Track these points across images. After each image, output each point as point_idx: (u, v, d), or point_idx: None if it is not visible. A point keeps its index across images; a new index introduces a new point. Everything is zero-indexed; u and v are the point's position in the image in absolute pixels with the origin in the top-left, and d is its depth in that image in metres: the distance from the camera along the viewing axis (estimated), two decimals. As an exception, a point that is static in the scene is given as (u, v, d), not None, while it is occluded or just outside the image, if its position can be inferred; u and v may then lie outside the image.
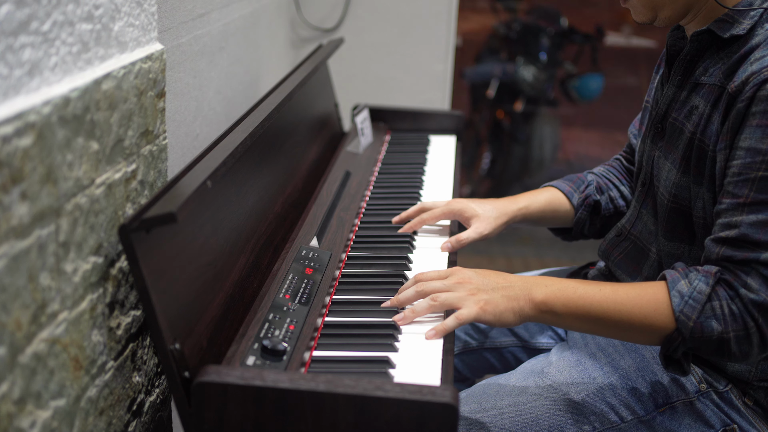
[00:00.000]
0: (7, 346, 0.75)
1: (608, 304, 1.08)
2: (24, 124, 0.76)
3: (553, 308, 1.10)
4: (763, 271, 1.02)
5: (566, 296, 1.10)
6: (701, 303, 1.04)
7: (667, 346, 1.07)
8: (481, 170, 4.03)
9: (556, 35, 3.97)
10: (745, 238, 1.03)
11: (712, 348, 1.05)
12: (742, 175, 1.05)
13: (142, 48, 1.08)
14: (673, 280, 1.07)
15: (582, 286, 1.11)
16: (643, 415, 1.21)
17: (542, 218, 1.47)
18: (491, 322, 1.10)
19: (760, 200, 1.03)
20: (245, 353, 1.02)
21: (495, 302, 1.10)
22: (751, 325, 1.02)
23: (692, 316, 1.04)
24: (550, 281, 1.13)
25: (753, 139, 1.04)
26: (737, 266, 1.04)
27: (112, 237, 0.98)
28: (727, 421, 1.20)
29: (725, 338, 1.03)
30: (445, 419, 0.88)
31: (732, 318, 1.03)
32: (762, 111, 1.03)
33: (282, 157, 1.53)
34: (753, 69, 1.06)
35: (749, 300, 1.02)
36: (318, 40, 2.65)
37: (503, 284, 1.12)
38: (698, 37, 1.18)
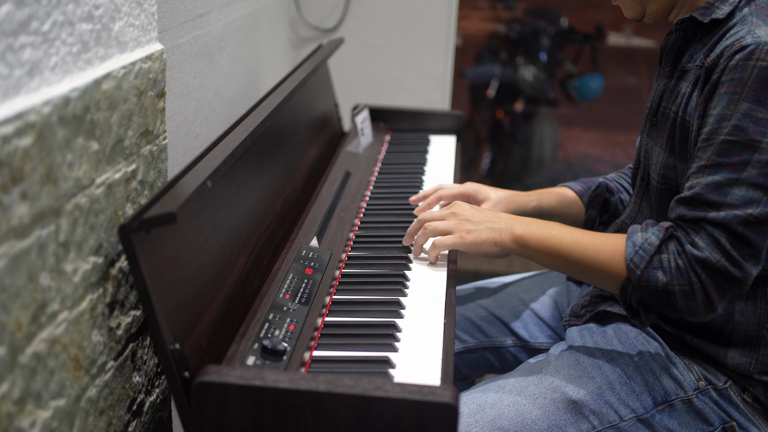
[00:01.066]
0: (7, 346, 0.75)
1: (574, 246, 1.17)
2: (24, 124, 0.76)
3: (528, 243, 1.21)
4: (710, 229, 1.06)
5: (541, 234, 1.20)
6: (650, 254, 1.09)
7: (622, 294, 1.13)
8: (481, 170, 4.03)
9: (556, 35, 3.98)
10: (698, 198, 1.08)
11: (660, 299, 1.10)
12: (708, 141, 1.09)
13: (142, 48, 1.08)
14: (632, 232, 1.13)
15: (558, 228, 1.21)
16: (642, 414, 1.21)
17: (553, 214, 1.49)
18: (470, 250, 1.24)
19: (719, 162, 1.07)
20: (245, 353, 1.02)
21: (477, 232, 1.24)
22: (695, 281, 1.06)
23: (640, 265, 1.09)
24: (531, 220, 1.24)
25: (720, 106, 1.08)
26: (688, 224, 1.09)
27: (112, 237, 0.98)
28: (726, 419, 1.20)
29: (670, 290, 1.08)
30: (446, 419, 0.88)
31: (678, 272, 1.07)
32: (730, 79, 1.08)
33: (282, 157, 1.53)
34: (727, 43, 1.11)
35: (693, 256, 1.06)
36: (318, 40, 2.65)
37: (491, 218, 1.26)
38: (682, 25, 1.23)
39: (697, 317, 1.10)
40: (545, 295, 1.53)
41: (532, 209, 1.47)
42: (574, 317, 1.40)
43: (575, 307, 1.41)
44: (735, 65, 1.07)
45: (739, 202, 1.05)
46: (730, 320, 1.20)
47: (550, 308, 1.51)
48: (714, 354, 1.21)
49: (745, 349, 1.19)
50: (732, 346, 1.20)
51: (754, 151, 1.05)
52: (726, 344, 1.20)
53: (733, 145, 1.06)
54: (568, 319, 1.41)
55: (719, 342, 1.21)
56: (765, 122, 1.05)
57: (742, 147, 1.05)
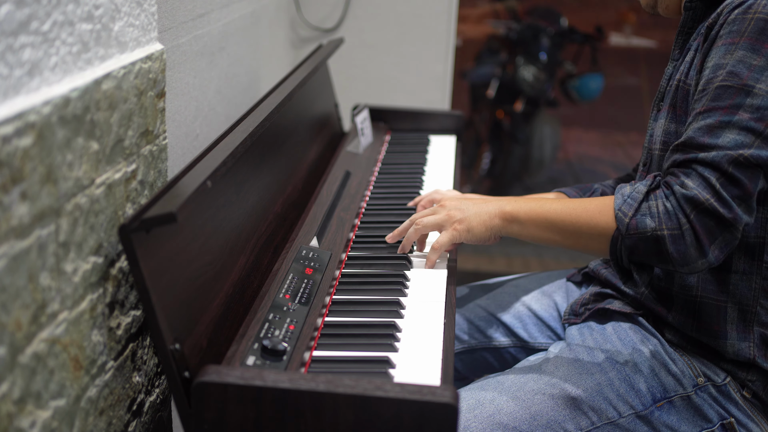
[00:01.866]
0: (7, 346, 0.75)
1: (562, 210, 1.19)
2: (24, 124, 0.76)
3: (518, 217, 1.22)
4: (700, 170, 1.06)
5: (530, 207, 1.22)
6: (638, 201, 1.10)
7: (612, 250, 1.12)
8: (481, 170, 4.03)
9: (556, 35, 3.98)
10: (690, 142, 1.08)
11: (649, 247, 1.09)
12: (704, 91, 1.11)
13: (142, 48, 1.08)
14: (621, 186, 1.15)
15: (546, 201, 1.23)
16: (641, 410, 1.21)
17: None
18: (466, 239, 1.25)
19: (713, 107, 1.08)
20: (245, 353, 1.02)
21: (468, 220, 1.25)
22: (684, 222, 1.06)
23: (629, 213, 1.09)
24: (521, 198, 1.27)
25: (717, 56, 1.10)
26: (679, 168, 1.09)
27: (112, 237, 0.98)
28: (724, 415, 1.20)
29: (659, 236, 1.07)
30: (445, 419, 0.88)
31: (666, 215, 1.07)
32: (727, 32, 1.10)
33: (282, 157, 1.53)
34: (726, 2, 1.13)
35: (681, 195, 1.06)
36: (318, 40, 2.65)
37: (479, 204, 1.26)
38: (691, 4, 1.25)
39: (690, 264, 1.08)
40: (544, 296, 1.53)
41: None
42: (573, 315, 1.40)
43: (574, 306, 1.41)
44: (733, 19, 1.09)
45: (730, 144, 1.05)
46: (725, 291, 1.20)
47: (550, 308, 1.51)
48: (714, 345, 1.21)
49: (741, 331, 1.19)
50: (728, 323, 1.20)
51: (747, 95, 1.06)
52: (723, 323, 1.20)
53: (726, 89, 1.07)
54: (567, 317, 1.41)
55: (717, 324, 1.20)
56: (759, 69, 1.06)
57: (736, 91, 1.07)
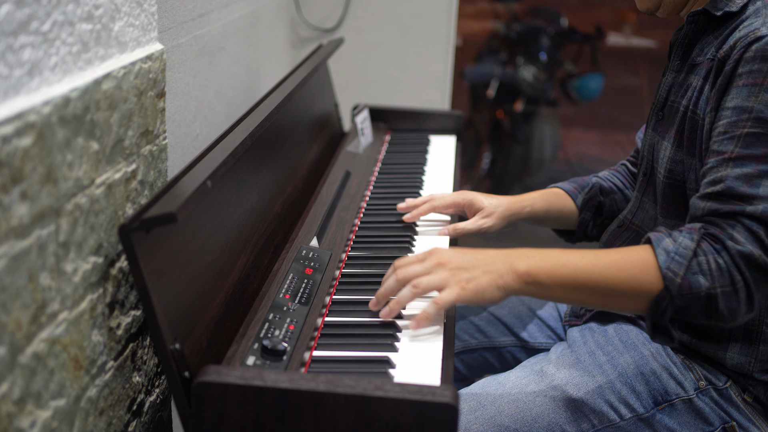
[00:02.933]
0: (7, 346, 0.75)
1: (593, 269, 1.06)
2: (24, 124, 0.76)
3: (538, 278, 1.06)
4: (748, 223, 1.02)
5: (549, 265, 1.07)
6: (687, 258, 1.02)
7: (655, 309, 1.04)
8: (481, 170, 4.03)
9: (556, 35, 3.98)
10: (730, 192, 1.04)
11: (701, 306, 1.02)
12: (727, 134, 1.06)
13: (142, 48, 1.08)
14: (658, 239, 1.05)
15: (564, 254, 1.08)
16: (642, 413, 1.21)
17: (546, 217, 1.48)
18: (473, 301, 1.07)
19: (746, 155, 1.04)
20: (245, 353, 1.02)
21: (476, 280, 1.06)
22: (738, 279, 1.01)
23: (679, 272, 1.01)
24: (532, 252, 1.09)
25: (739, 98, 1.06)
26: (723, 219, 1.04)
27: (112, 237, 0.98)
28: (726, 419, 1.20)
29: (713, 294, 1.01)
30: (445, 419, 0.88)
31: (719, 272, 1.01)
32: (748, 71, 1.06)
33: (282, 157, 1.53)
34: (740, 35, 1.09)
35: (736, 251, 1.01)
36: (318, 40, 2.65)
37: (484, 260, 1.08)
38: (694, 17, 1.21)
39: (736, 320, 1.04)
40: None
41: (527, 214, 1.45)
42: (574, 317, 1.40)
43: (575, 307, 1.41)
44: (753, 56, 1.05)
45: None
46: None
47: (550, 308, 1.51)
48: (713, 354, 1.21)
49: (744, 347, 1.19)
50: (731, 342, 1.19)
51: None
52: (725, 341, 1.20)
53: (758, 137, 1.04)
54: (568, 319, 1.41)
55: (718, 341, 1.21)
56: None
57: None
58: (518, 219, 1.45)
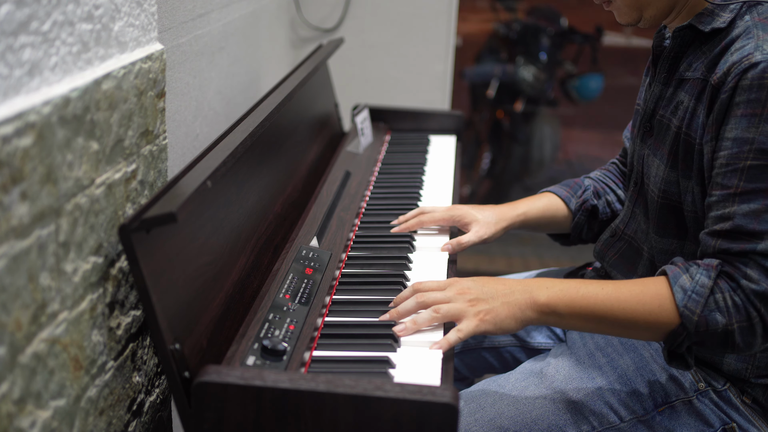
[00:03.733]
0: (7, 346, 0.75)
1: (611, 302, 1.08)
2: (24, 124, 0.76)
3: (557, 309, 1.10)
4: (761, 261, 1.02)
5: (569, 297, 1.09)
6: (704, 297, 1.03)
7: (671, 342, 1.07)
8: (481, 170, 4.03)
9: (556, 35, 3.97)
10: (740, 230, 1.04)
11: (717, 341, 1.05)
12: (730, 166, 1.06)
13: (142, 48, 1.08)
14: (675, 275, 1.07)
15: (584, 285, 1.11)
16: (642, 415, 1.21)
17: (540, 224, 1.48)
18: (492, 331, 1.09)
19: (751, 189, 1.04)
20: (245, 353, 1.02)
21: (495, 311, 1.09)
22: (754, 315, 1.03)
23: (696, 310, 1.03)
24: (551, 283, 1.12)
25: (739, 129, 1.05)
26: (735, 258, 1.04)
27: (112, 237, 0.98)
28: (726, 420, 1.20)
29: (730, 330, 1.03)
30: (445, 419, 0.88)
31: (735, 310, 1.03)
32: (745, 101, 1.04)
33: (282, 157, 1.53)
34: (734, 59, 1.07)
35: (751, 290, 1.02)
36: (318, 40, 2.65)
37: (503, 291, 1.11)
38: (680, 33, 1.20)
39: (752, 350, 1.06)
40: None
41: (520, 223, 1.45)
42: None
43: None
44: (750, 85, 1.03)
45: None
46: None
47: None
48: (710, 360, 1.21)
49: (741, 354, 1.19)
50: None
51: None
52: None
53: (763, 170, 1.03)
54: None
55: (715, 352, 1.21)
56: None
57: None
58: (512, 227, 1.45)
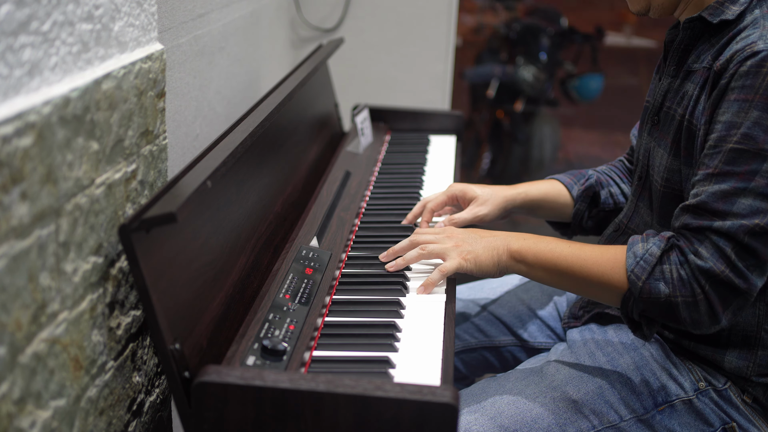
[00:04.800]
0: (7, 346, 0.75)
1: (573, 260, 1.16)
2: (24, 124, 0.76)
3: (525, 258, 1.20)
4: (714, 239, 1.04)
5: (538, 248, 1.19)
6: (651, 264, 1.07)
7: (624, 307, 1.12)
8: (481, 170, 4.03)
9: (556, 35, 3.97)
10: (704, 206, 1.06)
11: (662, 311, 1.08)
12: (716, 148, 1.07)
13: (142, 48, 1.08)
14: (633, 242, 1.12)
15: (555, 242, 1.19)
16: (642, 414, 1.21)
17: (541, 206, 1.48)
18: (473, 271, 1.22)
19: (726, 171, 1.05)
20: (245, 353, 1.02)
21: (476, 252, 1.22)
22: (698, 292, 1.04)
23: (642, 277, 1.07)
24: (529, 236, 1.22)
25: (730, 113, 1.06)
26: (692, 233, 1.06)
27: (112, 237, 0.98)
28: (726, 420, 1.20)
29: (673, 302, 1.06)
30: (445, 419, 0.88)
31: (680, 282, 1.05)
32: (741, 86, 1.05)
33: (282, 157, 1.53)
34: (737, 47, 1.08)
35: (696, 266, 1.04)
36: (318, 40, 2.65)
37: (487, 236, 1.24)
38: (690, 24, 1.20)
39: (701, 329, 1.08)
40: (544, 295, 1.52)
41: (521, 201, 1.46)
42: (572, 318, 1.39)
43: (573, 309, 1.41)
44: (747, 71, 1.04)
45: (745, 211, 1.03)
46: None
47: (550, 308, 1.50)
48: (711, 357, 1.21)
49: (743, 352, 1.19)
50: (730, 347, 1.19)
51: (764, 160, 1.03)
52: (723, 346, 1.20)
53: (741, 153, 1.04)
54: (566, 321, 1.41)
55: (716, 344, 1.20)
56: None
57: (752, 156, 1.03)
58: (513, 206, 1.45)
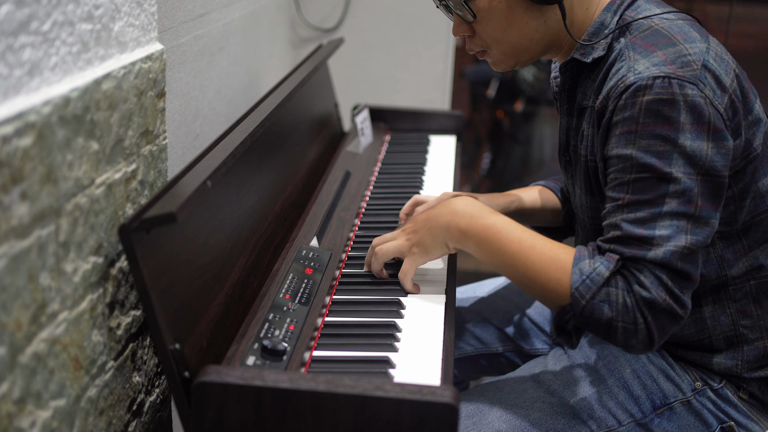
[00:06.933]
0: (7, 346, 0.75)
1: (519, 256, 1.10)
2: (24, 124, 0.76)
3: (470, 240, 1.14)
4: (653, 269, 1.03)
5: (485, 234, 1.13)
6: (598, 285, 1.04)
7: (559, 316, 1.08)
8: (481, 170, 4.03)
9: (556, 35, 3.97)
10: (628, 235, 1.05)
11: (600, 330, 1.06)
12: (617, 180, 1.07)
13: (142, 48, 1.08)
14: (579, 257, 1.07)
15: (506, 227, 1.12)
16: (640, 418, 1.21)
17: (534, 212, 1.48)
18: (426, 260, 1.20)
19: (636, 200, 1.05)
20: (245, 353, 1.02)
21: (422, 242, 1.19)
22: (640, 321, 1.03)
23: (586, 296, 1.04)
24: (477, 211, 1.15)
25: (619, 147, 1.07)
26: (630, 262, 1.05)
27: (112, 237, 0.98)
28: (723, 419, 1.20)
29: (614, 325, 1.04)
30: (445, 419, 0.88)
31: (624, 309, 1.03)
32: (622, 119, 1.06)
33: (282, 157, 1.53)
34: (611, 84, 1.10)
35: (641, 297, 1.02)
36: (318, 40, 2.65)
37: (430, 216, 1.19)
38: (567, 67, 1.23)
39: (630, 351, 1.07)
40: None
41: (515, 209, 1.46)
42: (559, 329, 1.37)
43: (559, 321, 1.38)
44: (624, 104, 1.06)
45: (670, 233, 1.03)
46: (704, 329, 1.19)
47: (545, 313, 1.50)
48: (700, 361, 1.21)
49: (729, 352, 1.19)
50: (715, 351, 1.20)
51: (668, 182, 1.03)
52: (709, 351, 1.20)
53: (645, 181, 1.04)
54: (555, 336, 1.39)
55: (701, 349, 1.21)
56: (667, 154, 1.03)
57: (655, 182, 1.04)
58: (507, 214, 1.44)
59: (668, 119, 1.03)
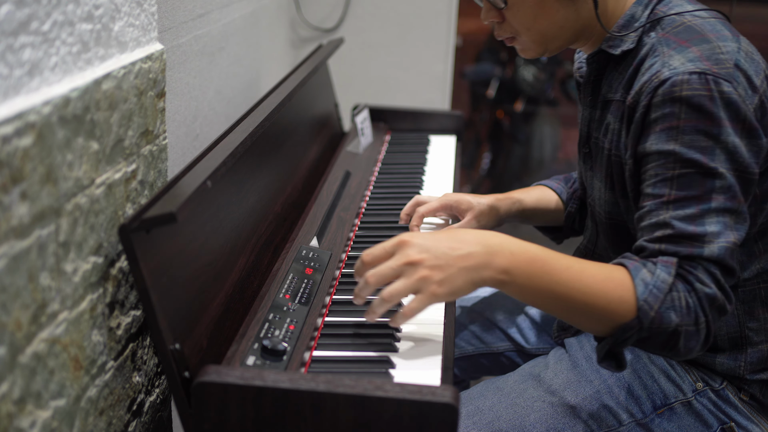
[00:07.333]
0: (7, 346, 0.75)
1: (574, 284, 1.01)
2: (24, 124, 0.76)
3: (516, 279, 1.01)
4: (708, 266, 1.02)
5: (532, 269, 1.01)
6: (664, 293, 1.00)
7: (619, 336, 1.01)
8: (481, 170, 4.03)
9: (556, 35, 3.97)
10: (681, 233, 1.02)
11: (663, 341, 1.01)
12: (659, 176, 1.06)
13: (142, 48, 1.08)
14: (635, 268, 1.02)
15: (551, 257, 1.02)
16: (641, 418, 1.21)
17: (535, 213, 1.48)
18: (446, 300, 1.01)
19: (683, 197, 1.04)
20: (245, 353, 1.02)
21: (450, 280, 0.99)
22: (702, 320, 1.00)
23: (655, 306, 0.99)
24: (516, 247, 1.02)
25: (660, 143, 1.05)
26: (685, 261, 1.02)
27: (112, 237, 0.98)
28: (724, 420, 1.20)
29: (678, 332, 1.00)
30: (446, 419, 0.88)
31: (687, 311, 1.00)
32: (661, 116, 1.05)
33: (282, 157, 1.53)
34: (644, 79, 1.08)
35: (704, 294, 1.00)
36: (318, 40, 2.65)
37: (460, 253, 1.00)
38: (594, 58, 1.22)
39: (688, 356, 1.04)
40: None
41: (516, 210, 1.45)
42: (562, 330, 1.38)
43: (561, 321, 1.39)
44: (662, 101, 1.05)
45: (719, 229, 1.02)
46: None
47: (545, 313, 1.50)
48: (702, 361, 1.21)
49: (732, 353, 1.19)
50: (719, 351, 1.20)
51: (714, 178, 1.02)
52: (713, 351, 1.20)
53: (691, 177, 1.03)
54: (557, 334, 1.39)
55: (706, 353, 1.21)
56: (710, 149, 1.03)
57: (701, 177, 1.03)
58: (509, 216, 1.45)
59: (710, 115, 1.02)
